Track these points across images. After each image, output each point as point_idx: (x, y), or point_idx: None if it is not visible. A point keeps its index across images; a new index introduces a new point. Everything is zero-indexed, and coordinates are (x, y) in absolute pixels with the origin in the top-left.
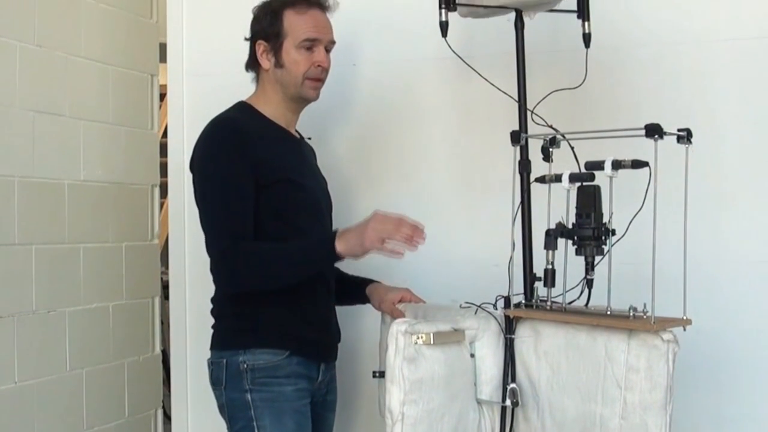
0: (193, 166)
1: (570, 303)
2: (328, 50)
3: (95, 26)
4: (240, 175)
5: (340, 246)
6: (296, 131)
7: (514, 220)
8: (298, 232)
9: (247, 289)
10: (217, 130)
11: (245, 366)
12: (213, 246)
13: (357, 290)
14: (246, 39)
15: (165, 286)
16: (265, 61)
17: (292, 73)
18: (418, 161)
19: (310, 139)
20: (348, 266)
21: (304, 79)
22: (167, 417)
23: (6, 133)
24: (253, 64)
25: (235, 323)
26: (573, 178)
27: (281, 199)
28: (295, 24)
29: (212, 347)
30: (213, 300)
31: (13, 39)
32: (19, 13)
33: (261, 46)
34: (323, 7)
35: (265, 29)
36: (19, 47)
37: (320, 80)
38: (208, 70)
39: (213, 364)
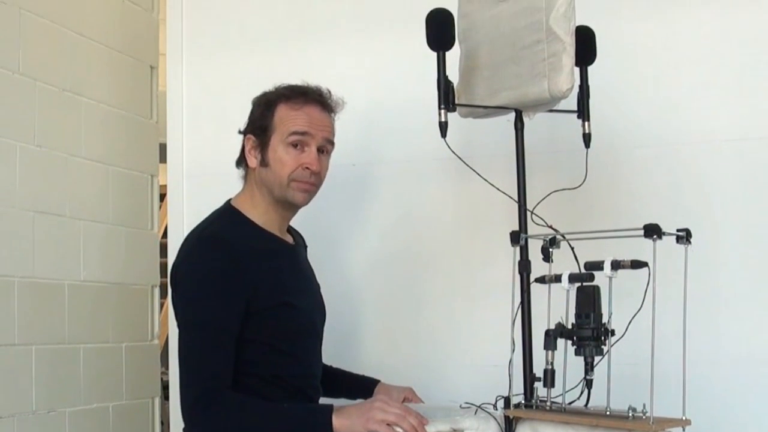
0: (177, 283)
1: (569, 403)
2: (322, 152)
3: (95, 126)
4: (230, 310)
5: (338, 421)
6: (289, 230)
7: (513, 320)
8: (285, 357)
9: None
10: (208, 251)
11: None
12: (190, 388)
13: (359, 387)
14: (240, 132)
15: (165, 387)
16: (252, 158)
17: (277, 174)
18: (417, 260)
19: (306, 248)
20: (345, 362)
21: (290, 180)
22: None
23: (6, 233)
24: (241, 161)
25: None
26: (573, 278)
27: (274, 326)
28: (286, 118)
29: None
30: None
31: (12, 139)
32: (19, 113)
33: (249, 141)
34: (323, 105)
35: (255, 122)
36: (19, 147)
37: (309, 184)
38: (209, 170)
39: None
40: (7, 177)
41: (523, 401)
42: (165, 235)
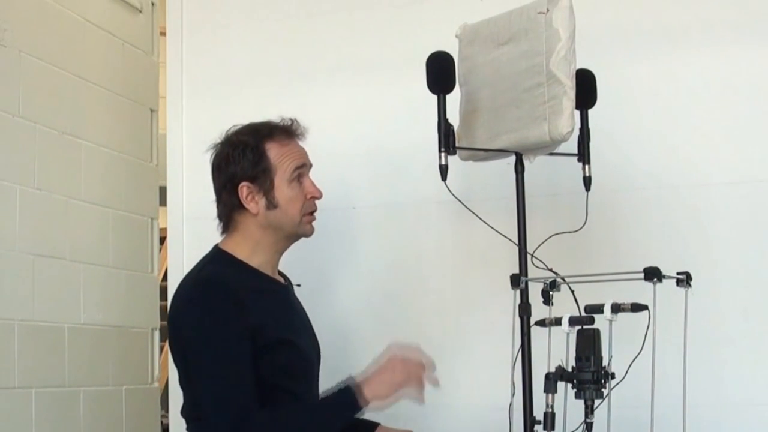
0: (179, 329)
1: None
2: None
3: (95, 170)
4: (239, 343)
5: (369, 393)
6: (279, 273)
7: (514, 363)
8: (284, 395)
9: None
10: (208, 294)
11: None
12: (221, 424)
13: (359, 430)
14: (222, 188)
15: (165, 430)
16: (253, 205)
17: (289, 213)
18: (417, 303)
19: (299, 285)
20: None
21: (302, 216)
22: None
23: (6, 276)
24: (230, 211)
25: None
26: (573, 321)
27: (274, 364)
28: (281, 156)
29: None
30: None
31: (12, 182)
32: (19, 156)
33: (245, 188)
34: (300, 134)
35: (247, 169)
36: (19, 190)
37: (314, 212)
38: (208, 213)
39: None
40: (7, 220)
41: None
42: (165, 278)
